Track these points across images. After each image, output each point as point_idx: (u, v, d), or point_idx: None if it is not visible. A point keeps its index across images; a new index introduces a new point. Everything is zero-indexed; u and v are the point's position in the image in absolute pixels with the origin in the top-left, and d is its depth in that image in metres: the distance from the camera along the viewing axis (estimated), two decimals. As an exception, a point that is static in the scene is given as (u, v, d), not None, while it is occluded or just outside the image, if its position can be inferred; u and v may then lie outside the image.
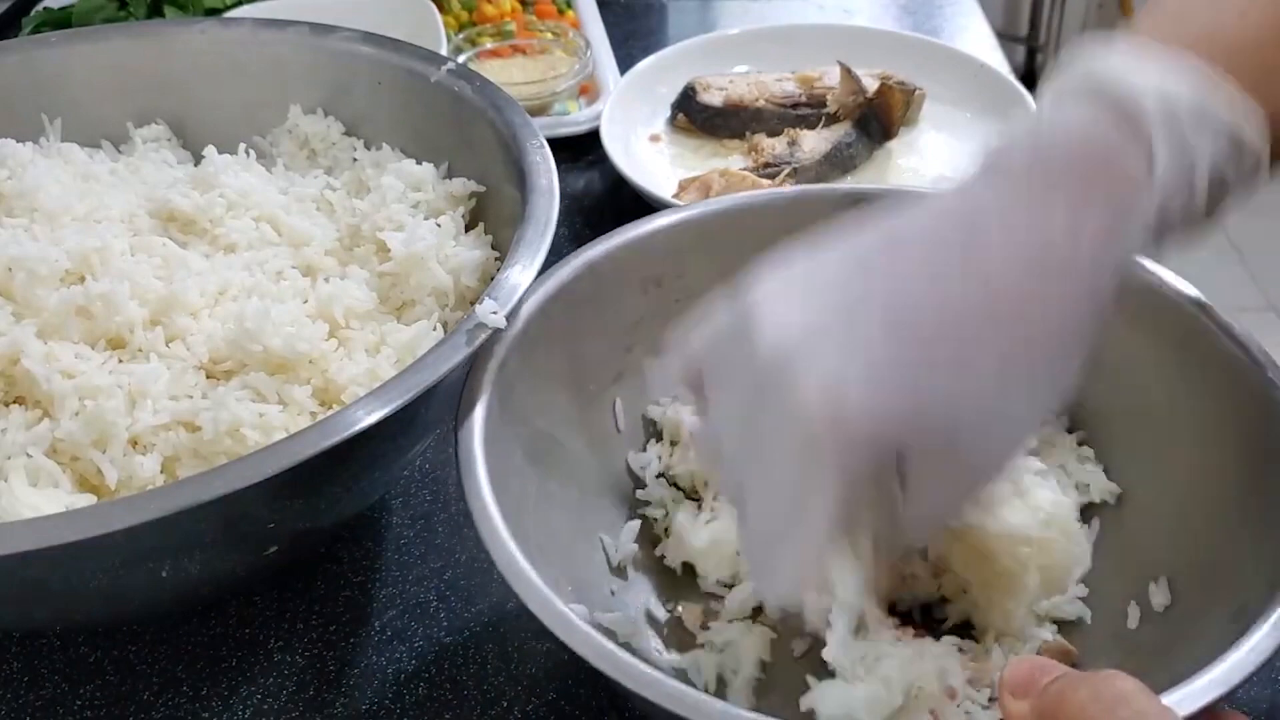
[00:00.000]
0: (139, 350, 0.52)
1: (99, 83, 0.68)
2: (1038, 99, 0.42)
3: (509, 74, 0.94)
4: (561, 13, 1.08)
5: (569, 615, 0.38)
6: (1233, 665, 0.36)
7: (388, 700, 0.51)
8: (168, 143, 0.69)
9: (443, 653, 0.53)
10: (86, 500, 0.47)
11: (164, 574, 0.44)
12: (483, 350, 0.47)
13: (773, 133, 0.87)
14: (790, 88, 0.90)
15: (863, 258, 0.39)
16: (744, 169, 0.82)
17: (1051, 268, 0.37)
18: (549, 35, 1.00)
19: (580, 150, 0.90)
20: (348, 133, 0.68)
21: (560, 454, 0.52)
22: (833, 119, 0.87)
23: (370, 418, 0.42)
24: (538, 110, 0.92)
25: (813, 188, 0.60)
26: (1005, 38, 2.50)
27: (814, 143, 0.84)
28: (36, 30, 0.98)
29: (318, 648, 0.54)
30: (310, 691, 0.52)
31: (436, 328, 0.54)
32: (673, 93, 0.93)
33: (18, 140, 0.62)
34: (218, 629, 0.55)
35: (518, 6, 1.07)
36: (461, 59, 0.94)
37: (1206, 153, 0.38)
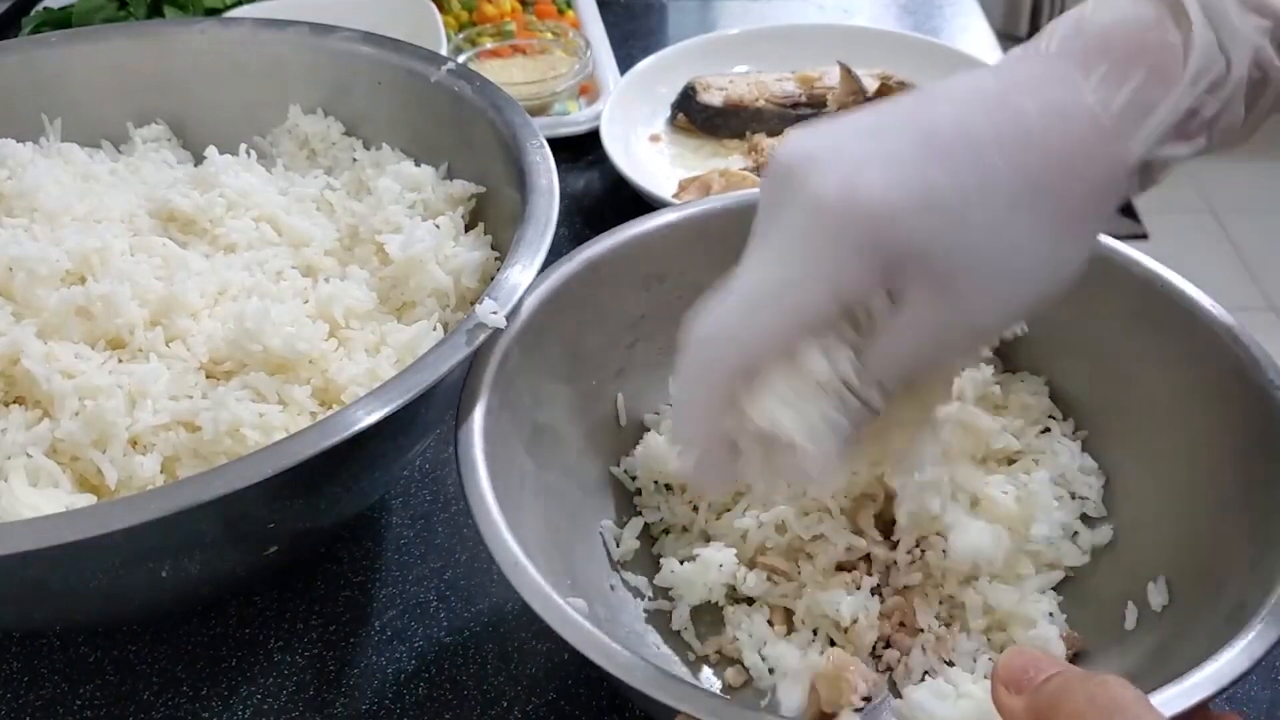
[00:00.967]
0: (139, 350, 0.52)
1: (99, 83, 0.68)
2: None
3: (509, 74, 0.94)
4: (561, 13, 1.08)
5: (567, 610, 0.38)
6: (1224, 665, 0.36)
7: (388, 700, 0.51)
8: (168, 143, 0.69)
9: (443, 653, 0.53)
10: (86, 500, 0.47)
11: (164, 574, 0.44)
12: (484, 346, 0.47)
13: (773, 133, 0.87)
14: (790, 88, 0.90)
15: (892, 104, 0.40)
16: (744, 169, 0.81)
17: (1077, 124, 0.37)
18: (549, 35, 1.00)
19: (580, 150, 0.90)
20: (348, 133, 0.68)
21: (561, 449, 0.52)
22: (833, 119, 0.87)
23: (370, 418, 0.42)
24: (538, 110, 0.92)
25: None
26: (1005, 38, 2.50)
27: (814, 143, 0.84)
28: (36, 30, 0.98)
29: (318, 648, 0.54)
30: (310, 691, 0.52)
31: (437, 328, 0.54)
32: (673, 93, 0.93)
33: (18, 140, 0.62)
34: (218, 629, 0.55)
35: (518, 6, 1.07)
36: (461, 59, 0.94)
37: (1249, 40, 0.38)
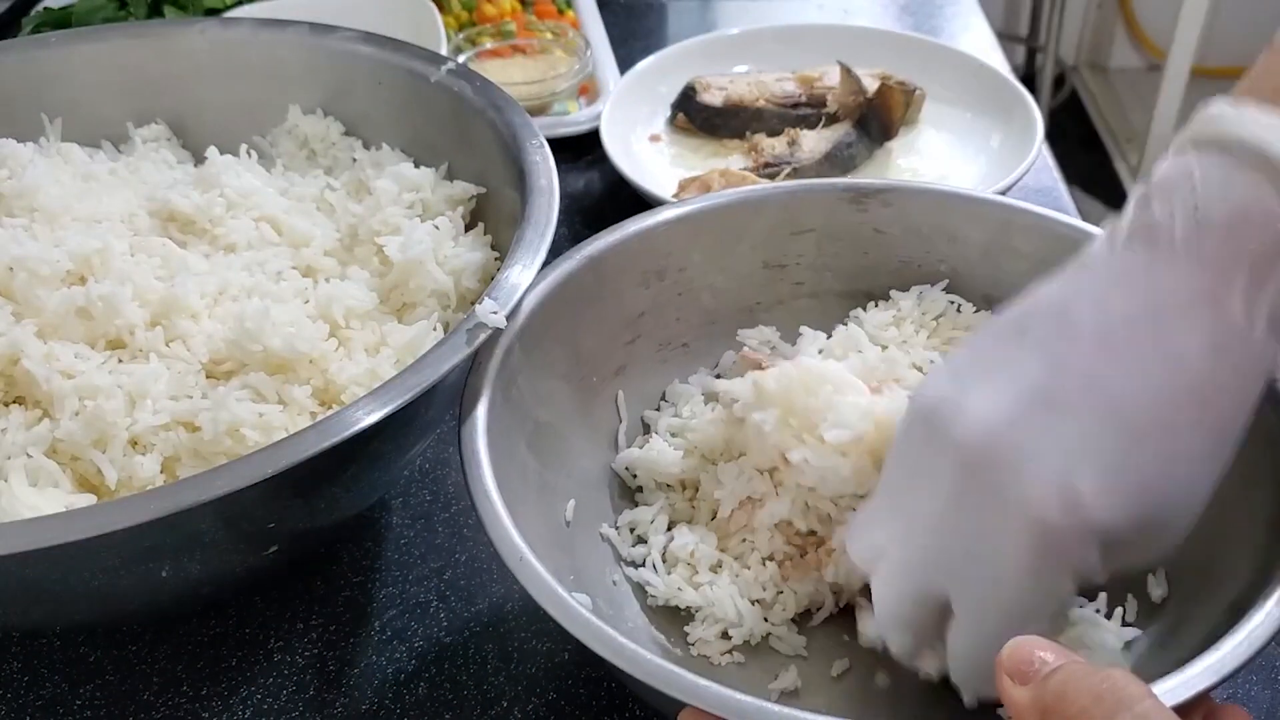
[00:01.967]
0: (139, 351, 0.52)
1: (99, 83, 0.68)
2: (1170, 153, 0.40)
3: (509, 74, 0.94)
4: (561, 13, 1.08)
5: (573, 605, 0.38)
6: (1225, 655, 0.36)
7: (388, 700, 0.51)
8: (167, 143, 0.69)
9: (443, 652, 0.53)
10: (86, 500, 0.47)
11: (164, 574, 0.44)
12: (486, 344, 0.47)
13: (773, 133, 0.87)
14: (790, 88, 0.90)
15: (1026, 330, 0.40)
16: (744, 169, 0.81)
17: (1235, 348, 0.37)
18: (549, 35, 1.00)
19: (580, 150, 0.90)
20: (348, 133, 0.68)
21: (562, 446, 0.52)
22: (833, 119, 0.87)
23: (370, 418, 0.42)
24: (538, 110, 0.92)
25: (812, 181, 0.60)
26: (1005, 38, 2.50)
27: (814, 143, 0.84)
28: (36, 30, 0.98)
29: (318, 647, 0.54)
30: (310, 691, 0.52)
31: (437, 328, 0.54)
32: (673, 93, 0.93)
33: (18, 140, 0.62)
34: (218, 629, 0.55)
35: (518, 6, 1.07)
36: (461, 59, 0.94)
37: None
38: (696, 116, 0.90)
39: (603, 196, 0.87)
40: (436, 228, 0.58)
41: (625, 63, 0.98)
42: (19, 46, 0.69)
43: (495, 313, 0.47)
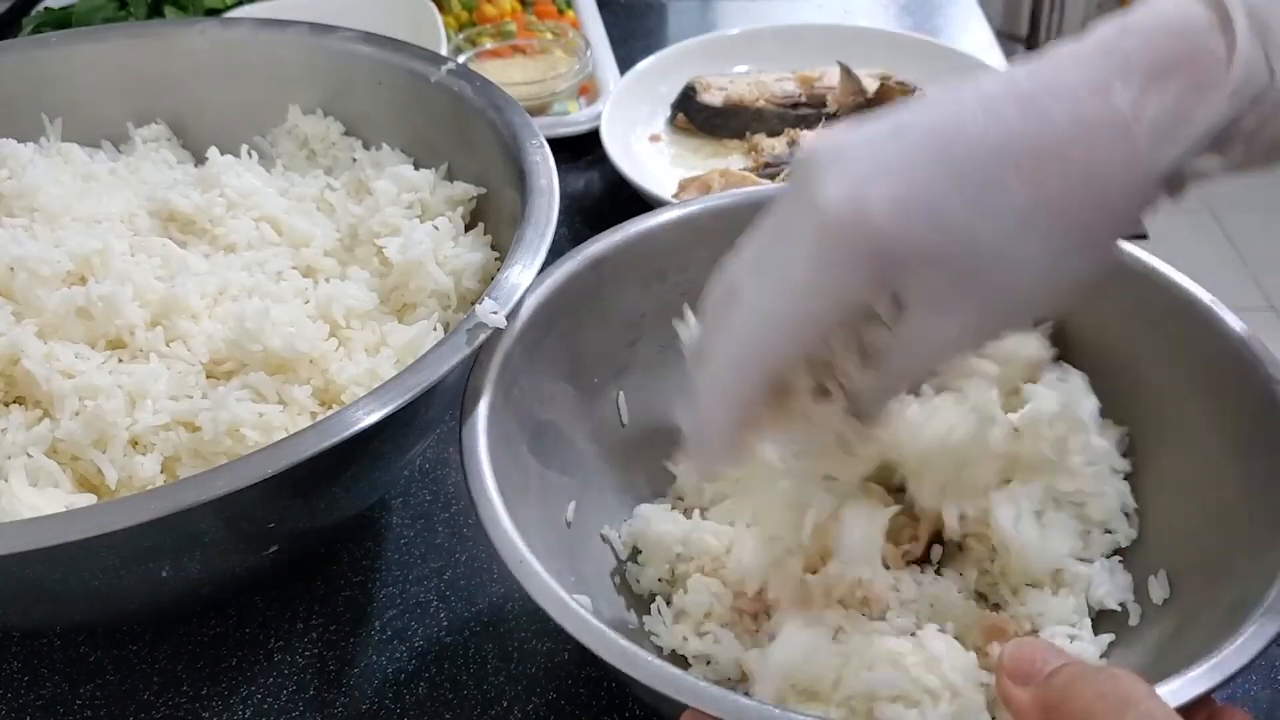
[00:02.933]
0: (139, 351, 0.52)
1: (99, 83, 0.68)
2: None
3: (509, 74, 0.94)
4: (561, 13, 1.08)
5: (573, 606, 0.38)
6: (1228, 656, 0.36)
7: (388, 700, 0.51)
8: (167, 142, 0.69)
9: (443, 652, 0.53)
10: (86, 500, 0.47)
11: (164, 574, 0.44)
12: (487, 344, 0.47)
13: (773, 133, 0.87)
14: (790, 88, 0.90)
15: (924, 103, 0.39)
16: (744, 169, 0.81)
17: (1105, 130, 0.37)
18: (549, 35, 1.00)
19: (580, 150, 0.90)
20: (347, 133, 0.68)
21: (564, 446, 0.52)
22: (833, 119, 0.87)
23: (370, 418, 0.42)
24: (538, 110, 0.92)
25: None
26: (1005, 37, 2.50)
27: (814, 143, 0.84)
28: (37, 30, 0.98)
29: (318, 647, 0.54)
30: (311, 691, 0.52)
31: (437, 328, 0.54)
32: (673, 93, 0.93)
33: (18, 140, 0.62)
34: (218, 628, 0.55)
35: (518, 6, 1.07)
36: (461, 59, 0.94)
37: None
38: (696, 116, 0.90)
39: (603, 196, 0.87)
40: (436, 228, 0.58)
41: (625, 63, 0.98)
42: (19, 46, 0.69)
43: (495, 313, 0.47)
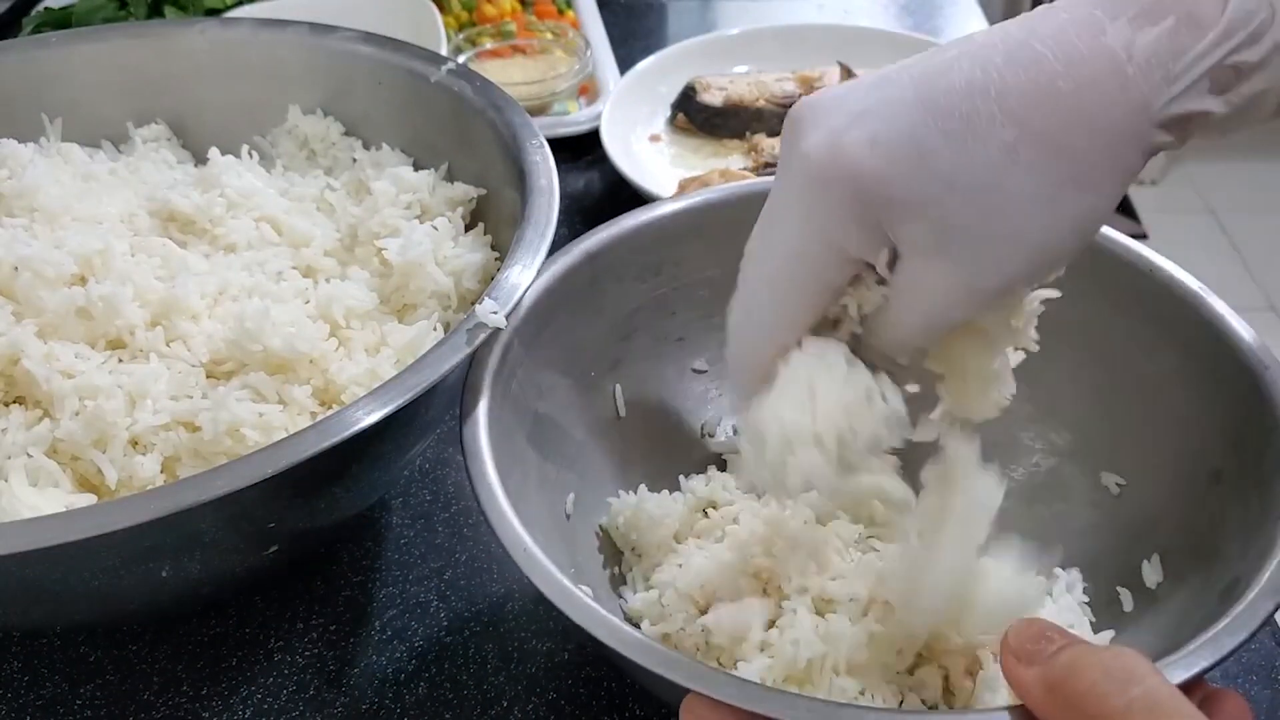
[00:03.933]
0: (139, 350, 0.52)
1: (99, 83, 0.68)
2: None
3: (509, 74, 0.94)
4: (561, 13, 1.08)
5: (577, 594, 0.38)
6: (1221, 635, 0.36)
7: (388, 700, 0.51)
8: (167, 142, 0.69)
9: (443, 652, 0.53)
10: (86, 500, 0.47)
11: (164, 574, 0.44)
12: (486, 339, 0.47)
13: (773, 133, 0.87)
14: (790, 87, 0.90)
15: (920, 55, 0.39)
16: (744, 169, 0.82)
17: (1095, 65, 0.36)
18: (549, 35, 1.01)
19: (580, 150, 0.90)
20: (347, 133, 0.68)
21: (563, 440, 0.52)
22: (833, 119, 0.87)
23: (370, 418, 0.42)
24: (538, 110, 0.92)
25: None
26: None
27: (814, 143, 0.84)
28: (37, 30, 0.99)
29: (318, 647, 0.54)
30: (310, 691, 0.52)
31: (437, 328, 0.54)
32: (673, 93, 0.93)
33: (18, 140, 0.62)
34: (218, 628, 0.55)
35: (518, 6, 1.07)
36: (461, 59, 0.94)
37: None
38: (696, 116, 0.90)
39: (603, 196, 0.87)
40: (435, 229, 0.58)
41: (625, 63, 0.98)
42: (19, 46, 0.69)
43: (495, 313, 0.47)
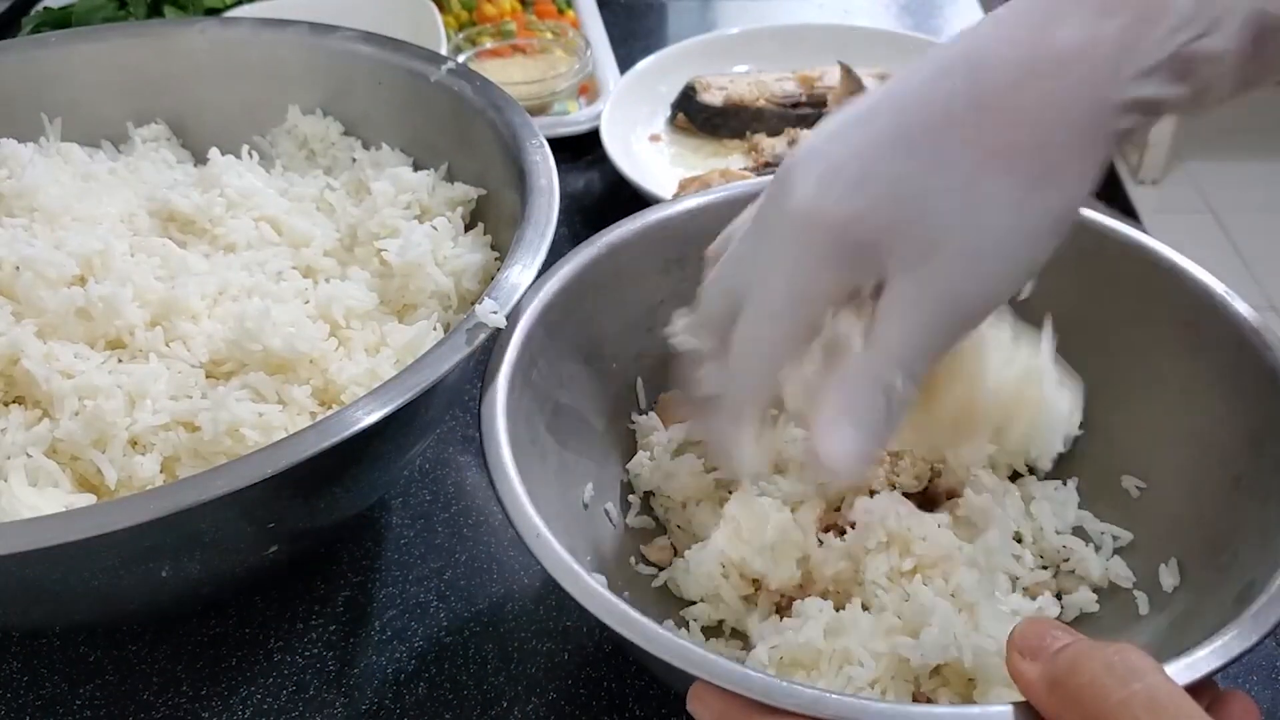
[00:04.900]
0: (139, 350, 0.52)
1: (99, 82, 0.68)
2: None
3: (509, 74, 0.94)
4: (561, 12, 1.08)
5: (588, 580, 0.38)
6: (1231, 639, 0.36)
7: (388, 700, 0.51)
8: (167, 142, 0.69)
9: (443, 652, 0.53)
10: (86, 500, 0.47)
11: (164, 574, 0.44)
12: (507, 326, 0.47)
13: (773, 132, 0.87)
14: (790, 87, 0.90)
15: (890, 81, 0.39)
16: (744, 169, 0.82)
17: (1051, 67, 0.35)
18: (549, 35, 1.00)
19: (580, 150, 0.90)
20: (347, 133, 0.68)
21: (582, 428, 0.52)
22: (833, 119, 0.87)
23: (370, 418, 0.42)
24: (538, 110, 0.92)
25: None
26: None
27: (814, 142, 0.84)
28: (36, 30, 0.98)
29: (318, 647, 0.54)
30: (310, 691, 0.52)
31: (437, 328, 0.54)
32: (673, 93, 0.93)
33: (18, 140, 0.62)
34: (218, 629, 0.55)
35: (518, 6, 1.07)
36: (461, 59, 0.94)
37: None
38: (696, 116, 0.90)
39: (603, 196, 0.87)
40: (435, 229, 0.58)
41: (625, 63, 0.98)
42: (19, 46, 0.69)
43: (495, 313, 0.47)
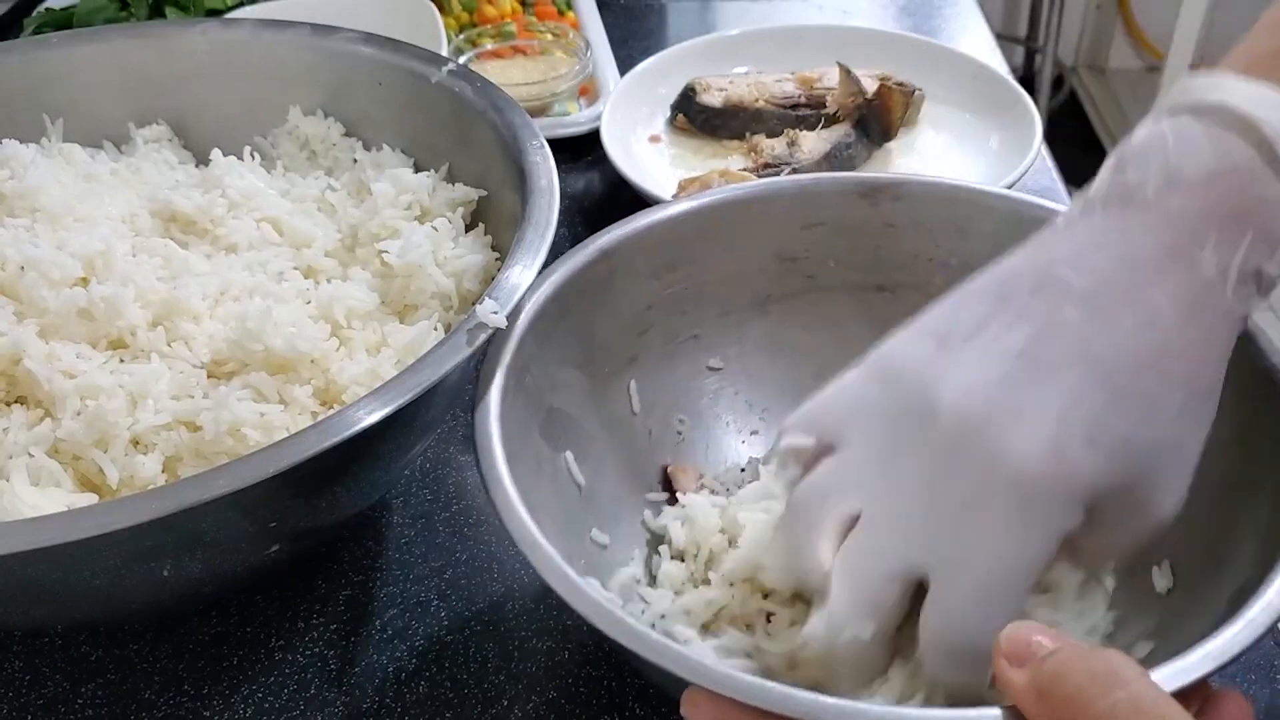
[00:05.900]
0: (141, 351, 0.52)
1: (100, 83, 0.68)
2: (1145, 122, 0.41)
3: (509, 75, 0.94)
4: (561, 13, 1.08)
5: (582, 586, 0.38)
6: (1224, 642, 0.36)
7: (388, 699, 0.51)
8: (169, 143, 0.69)
9: (443, 651, 0.53)
10: (88, 500, 0.47)
11: (166, 573, 0.44)
12: (500, 331, 0.47)
13: (772, 133, 0.87)
14: (790, 88, 0.90)
15: (1006, 295, 0.40)
16: (744, 170, 0.82)
17: (1207, 306, 0.38)
18: (549, 36, 1.01)
19: (580, 151, 0.90)
20: (348, 134, 0.68)
21: (576, 433, 0.52)
22: (832, 120, 0.87)
23: (370, 418, 0.42)
24: (538, 111, 0.92)
25: (824, 175, 0.60)
26: (1004, 39, 2.51)
27: (813, 144, 0.84)
28: (38, 31, 0.99)
29: (319, 646, 0.54)
30: (311, 690, 0.52)
31: (438, 328, 0.54)
32: (673, 93, 0.93)
33: (19, 141, 0.62)
34: (219, 628, 0.55)
35: (518, 7, 1.07)
36: (462, 60, 0.94)
37: None
38: (696, 117, 0.90)
39: (603, 197, 0.87)
40: (435, 230, 0.58)
41: (625, 64, 0.98)
42: (20, 47, 0.69)
43: (495, 313, 0.47)
